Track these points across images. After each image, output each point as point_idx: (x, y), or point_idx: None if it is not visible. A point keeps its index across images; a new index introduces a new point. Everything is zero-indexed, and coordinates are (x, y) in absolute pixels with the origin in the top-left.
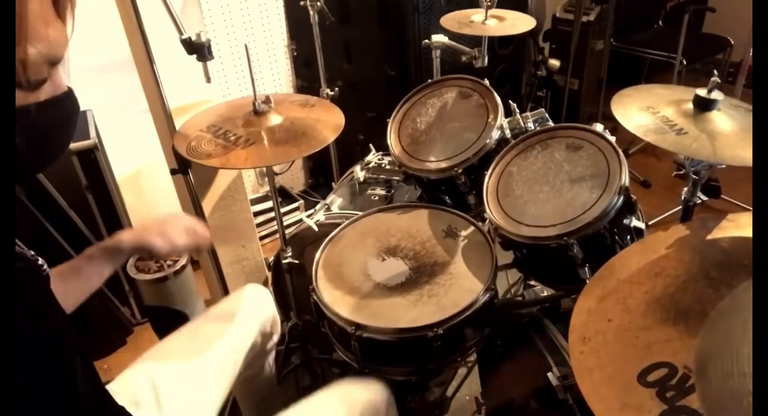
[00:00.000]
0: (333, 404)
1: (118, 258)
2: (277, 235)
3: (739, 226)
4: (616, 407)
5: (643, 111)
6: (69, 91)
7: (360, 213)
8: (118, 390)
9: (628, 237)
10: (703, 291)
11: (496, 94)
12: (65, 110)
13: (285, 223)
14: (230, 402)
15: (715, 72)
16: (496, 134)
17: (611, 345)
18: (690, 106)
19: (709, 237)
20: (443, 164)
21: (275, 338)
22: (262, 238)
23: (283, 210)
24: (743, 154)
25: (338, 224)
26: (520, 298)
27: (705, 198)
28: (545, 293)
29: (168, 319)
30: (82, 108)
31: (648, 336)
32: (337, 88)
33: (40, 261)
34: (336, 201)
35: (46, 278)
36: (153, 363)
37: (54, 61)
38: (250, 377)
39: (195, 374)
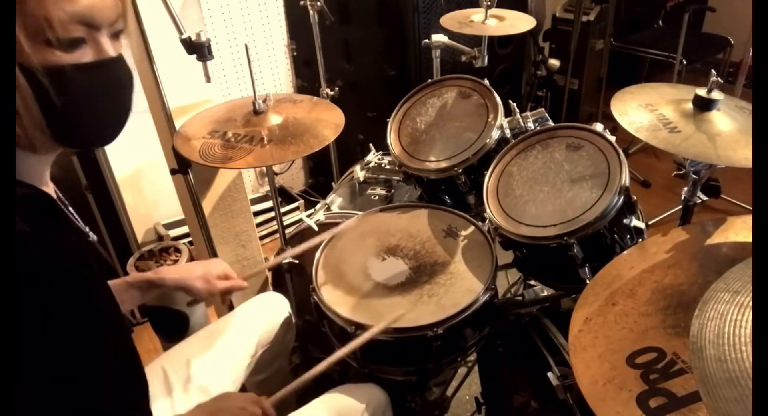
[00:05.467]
0: (324, 413)
1: (155, 292)
2: (277, 235)
3: None
4: (600, 382)
5: (641, 109)
6: (117, 58)
7: (360, 213)
8: None
9: (628, 237)
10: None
11: (496, 94)
12: (111, 75)
13: (285, 223)
14: None
15: (713, 72)
16: (496, 134)
17: (609, 326)
18: (690, 105)
19: (732, 239)
20: (443, 164)
21: (290, 345)
22: (262, 238)
23: (283, 210)
24: (739, 155)
25: (338, 224)
26: (520, 298)
27: (705, 198)
28: (545, 293)
29: (168, 319)
30: None
31: (646, 321)
32: (337, 88)
33: (91, 235)
34: (336, 201)
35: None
36: (168, 364)
37: (90, 24)
38: (263, 379)
39: (209, 376)
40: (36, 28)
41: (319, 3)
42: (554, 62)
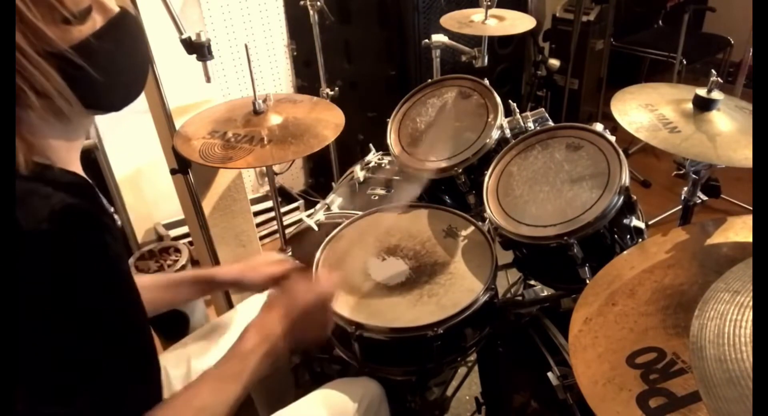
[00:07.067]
0: (319, 407)
1: (209, 289)
2: (277, 235)
3: None
4: (600, 382)
5: (641, 109)
6: (123, 11)
7: (360, 213)
8: None
9: (628, 237)
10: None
11: (496, 94)
12: (126, 30)
13: (285, 223)
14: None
15: (713, 72)
16: (496, 134)
17: (610, 326)
18: (690, 105)
19: (732, 239)
20: (443, 164)
21: None
22: (262, 238)
23: (283, 210)
24: (739, 155)
25: (338, 224)
26: (520, 298)
27: (705, 198)
28: (545, 293)
29: (168, 319)
30: None
31: (646, 321)
32: (337, 88)
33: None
34: (336, 201)
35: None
36: (169, 361)
37: None
38: (262, 379)
39: None
40: (51, 11)
41: (319, 3)
42: (554, 62)
